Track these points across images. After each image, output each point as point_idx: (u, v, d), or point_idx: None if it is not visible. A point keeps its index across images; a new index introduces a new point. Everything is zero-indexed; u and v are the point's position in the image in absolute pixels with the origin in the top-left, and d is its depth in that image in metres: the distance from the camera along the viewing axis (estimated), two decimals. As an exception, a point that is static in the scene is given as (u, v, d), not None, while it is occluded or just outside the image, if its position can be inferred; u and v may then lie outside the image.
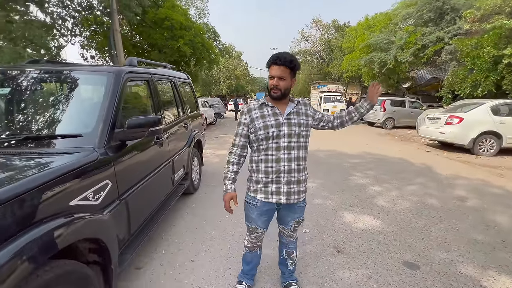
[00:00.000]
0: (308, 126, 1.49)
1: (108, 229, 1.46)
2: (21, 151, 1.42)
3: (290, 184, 1.46)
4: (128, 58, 2.39)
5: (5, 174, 1.12)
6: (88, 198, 1.36)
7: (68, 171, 1.26)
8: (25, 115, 1.69)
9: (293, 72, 1.40)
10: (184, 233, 2.65)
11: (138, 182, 1.94)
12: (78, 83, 1.83)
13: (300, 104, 1.53)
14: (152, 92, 2.43)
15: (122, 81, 1.88)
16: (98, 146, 1.53)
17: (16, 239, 0.96)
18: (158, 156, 2.38)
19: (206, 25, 17.45)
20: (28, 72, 1.83)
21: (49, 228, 1.09)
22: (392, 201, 3.46)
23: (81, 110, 1.76)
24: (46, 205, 1.13)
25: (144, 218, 2.10)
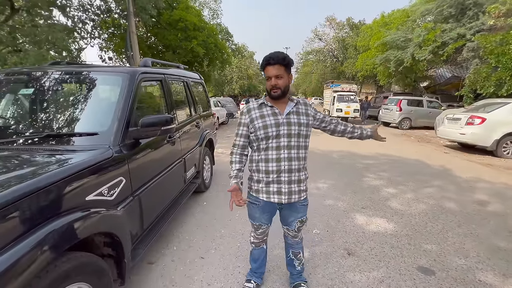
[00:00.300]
0: (308, 126, 1.49)
1: (121, 224, 1.52)
2: (43, 147, 1.50)
3: (291, 183, 1.46)
4: (143, 59, 2.46)
5: (29, 169, 1.19)
6: (103, 194, 1.41)
7: (85, 167, 1.32)
8: (46, 114, 1.79)
9: (288, 69, 1.41)
10: (194, 230, 2.70)
11: (150, 179, 1.99)
12: (95, 84, 1.91)
13: (300, 103, 1.52)
14: (165, 92, 2.49)
15: (137, 82, 1.94)
16: (113, 144, 1.59)
17: (37, 230, 1.02)
18: (170, 154, 2.44)
19: (219, 26, 17.64)
20: (49, 73, 1.94)
21: (68, 221, 1.15)
22: (407, 203, 3.36)
23: (98, 109, 1.83)
24: (65, 199, 1.19)
25: (156, 215, 2.16)
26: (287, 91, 1.43)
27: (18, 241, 0.97)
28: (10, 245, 0.95)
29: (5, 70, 2.01)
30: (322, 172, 4.67)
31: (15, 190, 1.00)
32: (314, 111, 1.58)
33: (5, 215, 0.94)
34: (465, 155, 6.33)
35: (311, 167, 1.68)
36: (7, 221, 0.95)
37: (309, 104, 1.57)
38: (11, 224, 0.96)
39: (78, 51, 10.12)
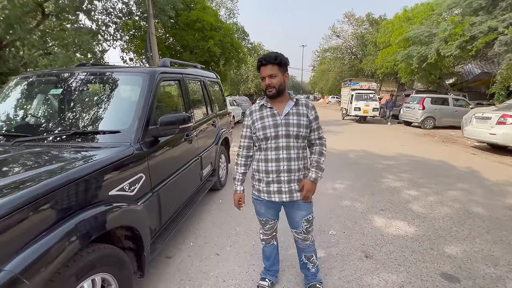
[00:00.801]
0: (307, 127, 1.49)
1: (141, 219, 1.58)
2: (70, 144, 1.60)
3: (291, 182, 1.48)
4: (162, 59, 2.54)
5: (58, 165, 1.27)
6: (124, 189, 1.48)
7: (109, 164, 1.39)
8: (73, 113, 1.90)
9: (282, 68, 1.42)
10: (210, 227, 2.75)
11: (169, 176, 2.05)
12: (117, 83, 2.00)
13: (301, 104, 1.51)
14: (183, 91, 2.55)
15: (156, 81, 2.01)
16: (134, 141, 1.66)
17: (66, 221, 1.09)
18: (187, 152, 2.49)
19: (235, 25, 17.73)
20: (76, 74, 2.05)
21: (94, 214, 1.22)
22: (429, 206, 3.20)
23: (120, 108, 1.92)
24: (91, 193, 1.26)
25: (174, 211, 2.22)
26: (282, 90, 1.45)
27: (50, 230, 1.04)
28: (42, 234, 1.02)
29: (37, 72, 2.15)
30: (339, 172, 4.57)
31: (46, 184, 1.07)
32: (314, 117, 1.52)
33: (38, 206, 1.01)
34: (496, 157, 5.93)
35: (326, 167, 1.65)
36: (39, 212, 1.02)
37: (312, 106, 1.53)
38: (43, 215, 1.03)
39: (101, 53, 10.62)
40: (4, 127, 1.88)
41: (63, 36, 7.74)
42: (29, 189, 1.00)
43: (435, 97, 11.09)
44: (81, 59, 8.70)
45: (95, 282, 1.26)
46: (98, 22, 9.54)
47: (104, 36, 10.18)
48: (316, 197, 1.67)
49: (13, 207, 0.92)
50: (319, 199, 3.38)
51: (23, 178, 1.10)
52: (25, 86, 2.10)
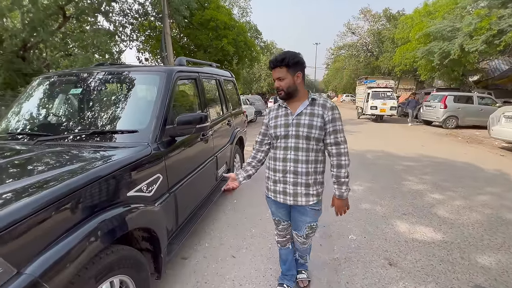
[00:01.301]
0: (322, 129, 1.41)
1: (159, 220, 1.56)
2: (90, 144, 1.60)
3: (296, 185, 1.45)
4: (177, 58, 2.52)
5: (78, 165, 1.26)
6: (142, 190, 1.46)
7: (127, 164, 1.37)
8: (92, 112, 1.91)
9: (291, 69, 1.38)
10: (225, 228, 2.71)
11: (185, 176, 2.03)
12: (135, 83, 1.99)
13: (318, 104, 1.42)
14: (199, 90, 2.52)
15: (173, 80, 1.99)
16: (151, 141, 1.64)
17: (86, 223, 1.07)
18: (203, 152, 2.47)
19: (248, 24, 17.70)
20: (95, 74, 2.07)
21: (113, 215, 1.20)
22: (456, 212, 3.01)
23: (137, 107, 1.91)
24: (110, 194, 1.25)
25: (190, 211, 2.20)
26: (293, 91, 1.42)
27: (70, 232, 1.03)
28: (63, 235, 1.01)
29: (57, 72, 2.19)
30: (356, 173, 4.42)
31: (68, 184, 1.06)
32: (330, 117, 1.40)
33: (59, 207, 1.00)
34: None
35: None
36: (60, 213, 1.01)
37: (330, 107, 1.41)
38: (64, 216, 1.02)
39: (118, 53, 10.91)
40: (28, 126, 1.92)
41: (83, 37, 8.00)
42: (51, 190, 0.99)
43: (458, 95, 10.55)
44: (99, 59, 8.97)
45: (113, 284, 1.25)
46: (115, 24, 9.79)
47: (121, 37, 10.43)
48: (329, 199, 1.59)
49: (35, 208, 0.91)
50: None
51: (45, 178, 1.10)
52: (46, 86, 2.14)
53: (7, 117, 2.00)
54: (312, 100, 1.43)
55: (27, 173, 1.22)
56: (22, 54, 8.17)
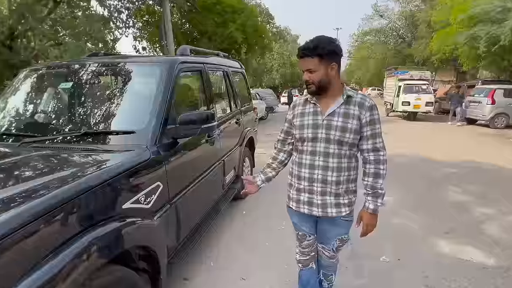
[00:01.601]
0: (358, 132, 1.35)
1: (158, 236, 1.53)
2: (80, 146, 1.59)
3: (325, 195, 1.40)
4: (180, 46, 2.51)
5: (63, 173, 1.25)
6: (140, 201, 1.43)
7: (124, 171, 1.35)
8: (84, 110, 1.91)
9: (324, 60, 1.29)
10: (234, 243, 2.68)
11: (188, 184, 2.01)
12: (132, 76, 1.98)
13: (355, 103, 1.35)
14: (205, 84, 2.50)
15: (176, 72, 1.97)
16: (150, 144, 1.62)
17: (72, 243, 1.05)
18: (209, 156, 2.44)
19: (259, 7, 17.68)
20: (86, 66, 2.07)
21: (105, 232, 1.17)
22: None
23: (135, 104, 1.90)
24: (103, 207, 1.22)
25: (194, 225, 2.17)
26: (325, 85, 1.34)
27: (58, 251, 1.00)
28: (49, 256, 0.98)
29: (46, 64, 2.22)
30: (385, 181, 4.27)
31: (51, 197, 1.03)
32: (367, 119, 1.34)
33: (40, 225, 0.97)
34: None
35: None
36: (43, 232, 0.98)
37: (369, 106, 1.34)
38: (47, 235, 0.99)
39: (113, 42, 11.11)
40: (13, 125, 1.95)
41: (74, 24, 8.17)
42: (30, 205, 0.96)
43: (509, 88, 10.12)
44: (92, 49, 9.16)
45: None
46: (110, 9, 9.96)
47: (116, 23, 10.61)
48: (356, 211, 1.52)
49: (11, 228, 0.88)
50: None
51: (25, 189, 1.07)
52: (34, 79, 2.16)
53: None
54: (348, 98, 1.36)
55: (3, 183, 1.21)
56: (9, 44, 8.46)
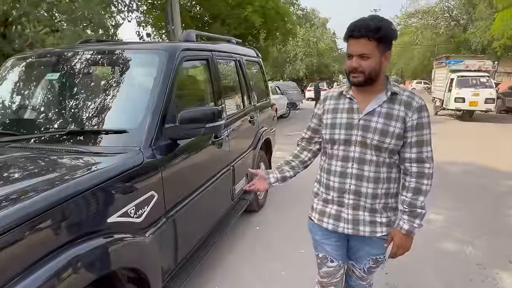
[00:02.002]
0: (400, 138, 1.28)
1: (150, 256, 1.51)
2: (63, 147, 1.61)
3: (359, 209, 1.35)
4: (185, 31, 2.50)
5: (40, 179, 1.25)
6: (129, 214, 1.41)
7: (109, 178, 1.33)
8: (70, 105, 1.94)
9: (382, 46, 1.21)
10: (242, 266, 2.63)
11: (189, 194, 1.98)
12: (126, 66, 1.99)
13: (400, 102, 1.26)
14: (213, 74, 2.47)
15: (177, 61, 1.95)
16: (144, 145, 1.60)
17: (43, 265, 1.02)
18: (216, 160, 2.42)
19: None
20: (75, 54, 2.10)
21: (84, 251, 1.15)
22: None
23: (128, 98, 1.90)
24: (83, 221, 1.20)
25: (196, 242, 2.14)
26: (375, 77, 1.25)
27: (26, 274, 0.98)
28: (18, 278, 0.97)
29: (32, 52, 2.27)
30: (433, 194, 4.06)
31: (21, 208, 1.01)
32: (414, 122, 1.25)
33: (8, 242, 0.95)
34: None
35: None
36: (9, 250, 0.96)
37: (418, 107, 1.25)
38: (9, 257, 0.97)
39: (114, 27, 11.46)
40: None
41: (71, 8, 8.50)
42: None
43: None
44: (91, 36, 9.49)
45: None
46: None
47: (117, 7, 10.94)
48: None
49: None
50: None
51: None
52: (18, 70, 2.23)
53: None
54: (392, 95, 1.28)
55: None
56: (3, 31, 8.95)
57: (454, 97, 11.56)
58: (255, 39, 13.45)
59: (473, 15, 22.62)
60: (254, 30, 12.61)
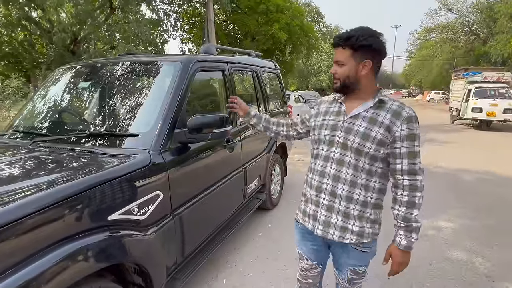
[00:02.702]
0: (383, 144, 1.14)
1: (152, 253, 1.44)
2: (82, 148, 1.58)
3: (332, 211, 1.22)
4: (204, 44, 2.43)
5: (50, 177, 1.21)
6: (132, 212, 1.34)
7: (114, 178, 1.27)
8: (94, 110, 1.93)
9: (358, 53, 1.13)
10: (252, 261, 2.50)
11: (198, 194, 1.89)
12: (145, 75, 1.95)
13: (388, 110, 1.14)
14: (227, 84, 2.38)
15: (190, 72, 1.88)
16: (153, 148, 1.54)
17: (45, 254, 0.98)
18: (227, 163, 2.31)
19: (308, 6, 17.40)
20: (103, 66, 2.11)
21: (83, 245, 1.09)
22: None
23: (144, 105, 1.85)
24: (84, 217, 1.15)
25: (204, 238, 2.05)
26: (350, 85, 1.18)
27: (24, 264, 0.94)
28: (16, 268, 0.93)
29: (70, 65, 2.32)
30: (445, 202, 3.70)
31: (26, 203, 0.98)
32: (403, 133, 1.11)
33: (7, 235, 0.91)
34: None
35: (426, 194, 1.21)
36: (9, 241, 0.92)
37: (407, 117, 1.11)
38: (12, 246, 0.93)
39: (162, 44, 11.89)
40: (31, 123, 2.05)
41: (125, 28, 8.91)
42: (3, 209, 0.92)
43: None
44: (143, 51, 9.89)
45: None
46: (158, 13, 10.69)
47: (163, 27, 11.36)
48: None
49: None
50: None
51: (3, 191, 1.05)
52: (57, 79, 2.27)
53: (21, 112, 2.18)
54: (380, 102, 1.15)
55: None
56: (72, 48, 9.58)
57: (471, 107, 10.61)
58: (281, 53, 13.34)
59: (493, 29, 20.82)
60: (281, 45, 12.49)
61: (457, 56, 24.68)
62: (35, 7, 8.40)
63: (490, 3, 21.86)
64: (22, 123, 2.05)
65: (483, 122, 10.77)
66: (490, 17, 21.39)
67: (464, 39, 24.25)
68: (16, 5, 7.87)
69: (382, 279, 2.22)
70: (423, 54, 31.31)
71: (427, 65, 32.27)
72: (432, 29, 26.73)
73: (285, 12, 11.77)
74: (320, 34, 17.20)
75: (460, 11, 24.32)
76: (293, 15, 12.00)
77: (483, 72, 12.35)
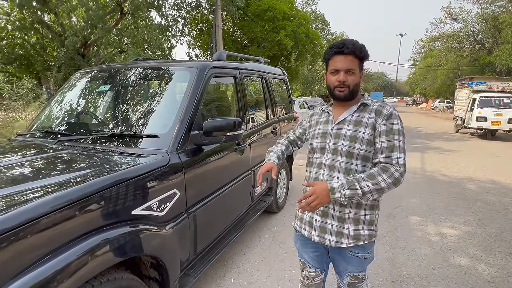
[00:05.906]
0: (371, 144, 1.21)
1: (169, 247, 1.50)
2: (104, 148, 1.67)
3: (326, 217, 1.26)
4: (217, 52, 2.53)
5: (76, 174, 1.30)
6: (152, 208, 1.42)
7: (136, 176, 1.36)
8: (114, 112, 2.03)
9: (362, 64, 1.26)
10: (258, 262, 2.55)
11: (210, 194, 1.97)
12: (162, 80, 2.05)
13: (369, 110, 1.24)
14: (238, 89, 2.47)
15: (206, 77, 1.97)
16: (171, 149, 1.62)
17: (73, 245, 1.06)
18: (237, 165, 2.39)
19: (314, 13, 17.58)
20: (121, 70, 2.20)
21: (108, 237, 1.17)
22: None
23: (161, 108, 1.94)
24: (109, 211, 1.23)
25: (214, 237, 2.12)
26: (355, 93, 1.26)
27: (55, 254, 1.02)
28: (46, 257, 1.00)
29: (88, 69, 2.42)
30: (448, 209, 3.72)
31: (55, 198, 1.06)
32: (383, 128, 1.18)
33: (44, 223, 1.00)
34: None
35: (431, 202, 1.25)
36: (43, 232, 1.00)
37: (388, 114, 1.19)
38: (48, 234, 1.01)
39: (169, 49, 12.10)
40: (55, 124, 2.15)
41: (135, 33, 9.10)
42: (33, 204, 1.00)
43: None
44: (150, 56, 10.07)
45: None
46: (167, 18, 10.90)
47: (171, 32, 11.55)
48: (408, 243, 1.27)
49: (14, 225, 0.92)
50: (416, 246, 2.76)
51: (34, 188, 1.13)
52: (79, 82, 2.38)
53: (43, 113, 2.28)
54: (362, 105, 1.26)
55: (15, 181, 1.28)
56: (83, 52, 9.79)
57: (476, 116, 10.60)
58: (287, 59, 13.47)
59: (498, 39, 20.85)
60: (287, 51, 12.63)
61: (462, 65, 24.67)
62: (48, 11, 8.64)
63: (495, 13, 21.91)
64: (45, 124, 2.15)
65: (488, 131, 10.76)
66: (495, 27, 21.42)
67: (469, 48, 24.25)
68: (30, 9, 8.10)
69: (386, 283, 2.26)
70: (428, 62, 31.33)
71: (431, 73, 32.24)
72: (437, 38, 26.78)
73: (291, 19, 11.95)
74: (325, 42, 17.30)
75: (465, 21, 24.38)
76: (299, 23, 12.17)
77: (488, 81, 12.37)
